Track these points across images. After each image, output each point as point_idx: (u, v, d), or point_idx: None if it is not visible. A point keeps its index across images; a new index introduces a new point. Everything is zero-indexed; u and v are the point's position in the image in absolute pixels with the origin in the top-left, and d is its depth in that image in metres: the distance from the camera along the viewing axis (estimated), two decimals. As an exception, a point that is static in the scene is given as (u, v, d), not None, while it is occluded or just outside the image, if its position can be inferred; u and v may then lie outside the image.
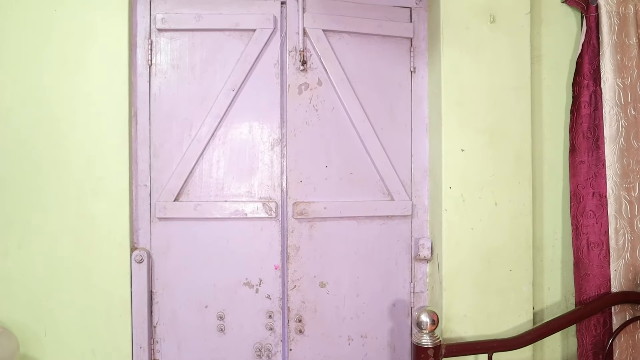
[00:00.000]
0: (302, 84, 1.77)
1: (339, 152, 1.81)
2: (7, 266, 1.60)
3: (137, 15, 1.71)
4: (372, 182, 1.84)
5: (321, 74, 1.79)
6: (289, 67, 1.76)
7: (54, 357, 1.62)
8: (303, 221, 1.76)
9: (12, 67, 1.60)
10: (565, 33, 1.90)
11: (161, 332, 1.72)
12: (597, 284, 1.84)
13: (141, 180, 1.71)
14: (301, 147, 1.77)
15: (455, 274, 1.75)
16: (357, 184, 1.83)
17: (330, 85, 1.80)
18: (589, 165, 1.85)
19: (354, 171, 1.82)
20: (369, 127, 1.82)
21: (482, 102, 1.77)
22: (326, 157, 1.80)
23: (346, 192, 1.81)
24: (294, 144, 1.76)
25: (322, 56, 1.77)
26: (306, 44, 1.77)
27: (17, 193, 1.60)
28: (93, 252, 1.63)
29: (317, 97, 1.79)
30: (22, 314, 1.60)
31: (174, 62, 1.73)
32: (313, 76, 1.78)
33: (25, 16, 1.61)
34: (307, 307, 1.77)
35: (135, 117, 1.70)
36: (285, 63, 1.76)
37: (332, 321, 1.80)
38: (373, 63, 1.84)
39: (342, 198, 1.81)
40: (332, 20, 1.78)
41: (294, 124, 1.76)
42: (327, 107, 1.80)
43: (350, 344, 1.82)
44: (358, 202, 1.81)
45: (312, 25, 1.76)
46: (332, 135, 1.81)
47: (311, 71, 1.78)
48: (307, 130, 1.78)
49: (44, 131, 1.61)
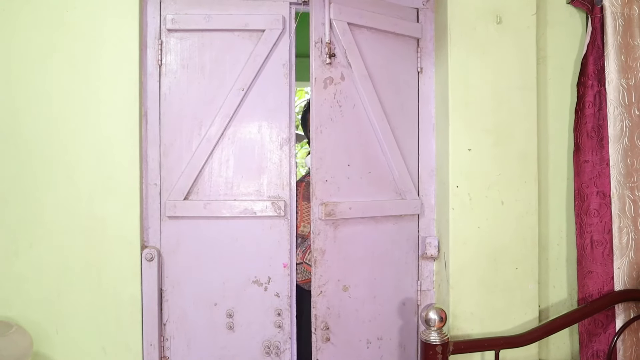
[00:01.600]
0: (327, 77, 1.70)
1: (359, 151, 1.77)
2: (18, 265, 1.61)
3: (147, 16, 1.72)
4: (386, 181, 1.83)
5: (344, 69, 1.72)
6: (314, 60, 1.68)
7: (65, 355, 1.63)
8: (329, 223, 1.71)
9: (23, 68, 1.61)
10: (571, 34, 1.92)
11: (171, 330, 1.73)
12: (600, 282, 1.86)
13: (151, 179, 1.72)
14: (326, 145, 1.71)
15: (462, 272, 1.77)
16: (374, 183, 1.80)
17: (351, 81, 1.74)
18: (593, 164, 1.88)
19: (372, 170, 1.80)
20: (387, 126, 1.79)
21: (489, 102, 1.79)
22: (348, 155, 1.75)
23: (365, 192, 1.78)
24: (320, 141, 1.69)
25: (347, 50, 1.71)
26: (332, 36, 1.69)
27: (28, 192, 1.61)
28: (104, 251, 1.65)
29: (340, 92, 1.72)
30: (33, 312, 1.61)
31: (184, 62, 1.74)
32: (336, 70, 1.71)
33: (35, 17, 1.62)
34: (332, 313, 1.72)
35: (145, 117, 1.72)
36: (313, 56, 1.67)
37: (353, 325, 1.77)
38: (387, 61, 1.82)
39: (362, 198, 1.77)
40: (356, 14, 1.72)
41: (319, 120, 1.69)
42: (349, 103, 1.75)
43: (368, 347, 1.80)
44: (375, 201, 1.79)
45: (338, 17, 1.69)
46: (352, 133, 1.76)
47: (334, 65, 1.71)
48: (331, 127, 1.71)
49: (55, 131, 1.63)
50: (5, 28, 1.61)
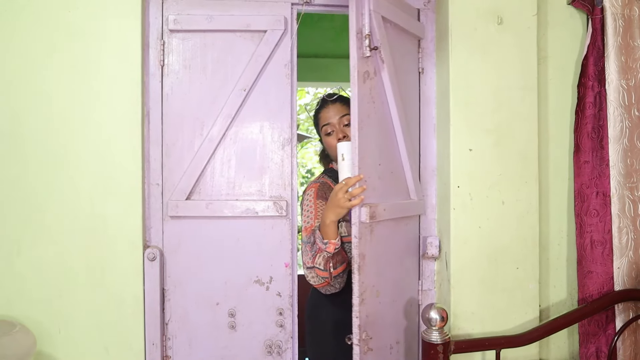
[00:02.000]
0: (365, 71, 1.55)
1: (384, 150, 1.68)
2: (21, 265, 1.62)
3: (149, 16, 1.72)
4: (400, 181, 1.78)
5: (377, 64, 1.61)
6: (355, 52, 1.51)
7: (67, 354, 1.64)
8: (367, 226, 1.56)
9: (25, 68, 1.62)
10: (571, 35, 1.92)
11: (173, 329, 1.74)
12: (600, 281, 1.87)
13: (153, 179, 1.73)
14: (364, 143, 1.55)
15: (463, 271, 1.78)
16: (394, 184, 1.74)
17: (381, 77, 1.63)
18: (593, 165, 1.88)
19: (393, 170, 1.73)
20: (404, 125, 1.73)
21: (489, 102, 1.80)
22: (379, 154, 1.64)
23: (387, 193, 1.69)
24: (362, 138, 1.54)
25: (381, 45, 1.59)
26: (372, 29, 1.55)
27: (30, 193, 1.62)
28: (106, 251, 1.65)
29: (374, 88, 1.60)
30: (36, 311, 1.62)
31: (186, 63, 1.74)
32: (372, 65, 1.59)
33: (36, 17, 1.62)
34: (369, 321, 1.58)
35: (147, 117, 1.72)
36: (354, 48, 1.52)
37: (382, 331, 1.68)
38: (400, 59, 1.76)
39: (389, 199, 1.69)
40: (385, 8, 1.62)
41: (361, 117, 1.53)
42: (380, 100, 1.64)
43: (391, 353, 1.73)
44: (397, 203, 1.73)
45: (376, 8, 1.55)
46: (380, 132, 1.66)
47: (371, 59, 1.58)
48: (368, 124, 1.58)
49: (57, 131, 1.63)
50: (6, 28, 1.61)
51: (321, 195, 1.81)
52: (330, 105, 1.86)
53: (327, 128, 1.85)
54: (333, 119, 1.83)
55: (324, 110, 1.88)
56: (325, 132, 1.86)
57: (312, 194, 1.83)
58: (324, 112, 1.87)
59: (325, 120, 1.86)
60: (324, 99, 1.90)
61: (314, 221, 1.75)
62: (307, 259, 1.71)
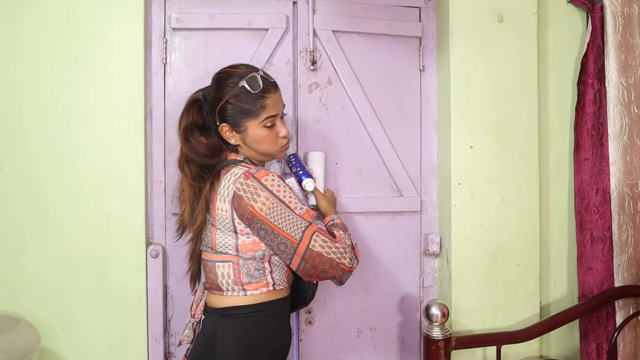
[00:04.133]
0: (312, 83, 1.81)
1: (349, 149, 1.85)
2: (25, 261, 1.63)
3: (152, 15, 1.73)
4: (381, 178, 1.87)
5: (331, 74, 1.82)
6: (299, 67, 1.79)
7: (71, 350, 1.65)
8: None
9: (29, 67, 1.62)
10: (571, 32, 1.94)
11: (176, 326, 1.75)
12: (600, 278, 1.88)
13: (156, 177, 1.74)
14: (311, 144, 1.80)
15: (464, 268, 1.79)
16: (366, 180, 1.86)
17: (340, 84, 1.83)
18: (593, 162, 1.89)
19: (363, 167, 1.86)
20: (378, 125, 1.85)
21: (490, 100, 1.81)
22: (336, 154, 1.83)
23: (355, 188, 1.85)
24: (305, 141, 1.80)
25: (332, 56, 1.81)
26: (316, 45, 1.80)
27: (34, 189, 1.63)
28: (109, 247, 1.66)
29: (327, 95, 1.83)
30: (40, 308, 1.63)
31: (188, 61, 1.76)
32: (323, 75, 1.82)
33: (41, 17, 1.63)
34: (317, 299, 1.77)
35: (150, 115, 1.73)
36: (297, 62, 1.79)
37: (342, 313, 1.84)
38: (382, 62, 1.87)
39: (352, 194, 1.84)
40: (342, 21, 1.82)
41: (304, 122, 1.80)
42: (337, 105, 1.84)
43: (359, 336, 1.86)
44: (367, 197, 1.85)
45: (321, 26, 1.79)
46: (341, 133, 1.84)
47: (321, 71, 1.82)
48: (317, 127, 1.82)
49: (61, 129, 1.64)
50: (11, 27, 1.62)
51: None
52: (276, 91, 1.40)
53: (271, 122, 1.37)
54: (279, 110, 1.40)
55: (270, 98, 1.37)
56: (266, 124, 1.37)
57: (276, 177, 1.34)
58: (271, 100, 1.37)
59: (272, 110, 1.37)
60: (271, 82, 1.39)
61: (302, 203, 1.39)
62: (345, 237, 1.32)
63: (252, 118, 1.35)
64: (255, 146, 1.40)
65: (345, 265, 1.28)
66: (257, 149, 1.40)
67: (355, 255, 1.31)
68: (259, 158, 1.45)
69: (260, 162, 1.47)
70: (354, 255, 1.30)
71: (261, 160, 1.47)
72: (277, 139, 1.40)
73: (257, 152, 1.42)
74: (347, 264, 1.28)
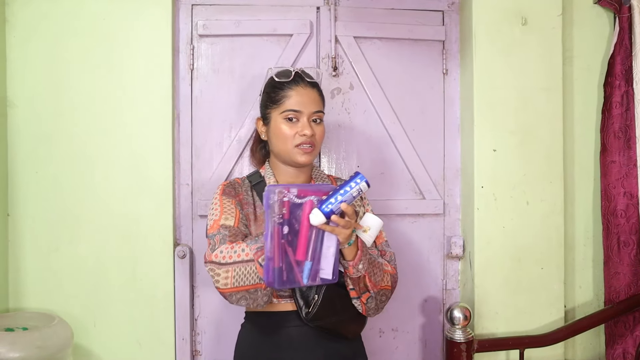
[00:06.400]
0: (334, 88, 1.85)
1: (370, 153, 1.87)
2: (59, 260, 1.70)
3: (179, 22, 1.78)
4: (403, 181, 1.88)
5: (353, 79, 1.86)
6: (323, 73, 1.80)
7: (102, 347, 1.71)
8: None
9: (66, 73, 1.70)
10: (597, 34, 1.91)
11: (202, 325, 1.80)
12: (627, 282, 1.85)
13: (183, 180, 1.79)
14: (334, 148, 1.84)
15: (487, 271, 1.79)
16: (388, 183, 1.88)
17: (361, 89, 1.86)
18: (620, 165, 1.87)
19: (385, 171, 1.87)
20: (400, 128, 1.86)
21: (514, 103, 1.80)
22: (358, 157, 1.86)
23: (376, 191, 1.83)
24: (327, 145, 1.83)
25: (353, 62, 1.84)
26: (338, 51, 1.84)
27: (68, 191, 1.70)
28: (138, 248, 1.72)
29: (349, 100, 1.86)
30: (72, 305, 1.70)
31: (215, 67, 1.80)
32: (345, 81, 1.86)
33: (76, 26, 1.70)
34: None
35: (177, 119, 1.78)
36: (319, 68, 1.82)
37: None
38: (404, 66, 1.89)
39: (373, 197, 1.83)
40: (364, 27, 1.85)
41: (327, 127, 1.74)
42: (359, 110, 1.87)
43: (381, 337, 1.88)
44: (389, 200, 1.86)
45: (343, 32, 1.83)
46: (363, 137, 1.86)
47: (343, 76, 1.85)
48: (339, 132, 1.85)
49: (92, 133, 1.71)
50: (48, 37, 1.69)
51: (227, 192, 1.34)
52: (307, 88, 1.33)
53: (293, 115, 1.30)
54: (306, 108, 1.30)
55: (296, 91, 1.31)
56: (286, 116, 1.30)
57: (218, 192, 1.34)
58: (296, 93, 1.31)
59: (295, 105, 1.30)
60: (299, 75, 1.34)
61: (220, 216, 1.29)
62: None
63: (274, 106, 1.32)
64: (275, 142, 1.33)
65: None
66: (275, 146, 1.33)
67: None
68: (279, 161, 1.36)
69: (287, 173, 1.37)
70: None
71: (282, 162, 1.35)
72: (296, 136, 1.29)
73: (274, 152, 1.36)
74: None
